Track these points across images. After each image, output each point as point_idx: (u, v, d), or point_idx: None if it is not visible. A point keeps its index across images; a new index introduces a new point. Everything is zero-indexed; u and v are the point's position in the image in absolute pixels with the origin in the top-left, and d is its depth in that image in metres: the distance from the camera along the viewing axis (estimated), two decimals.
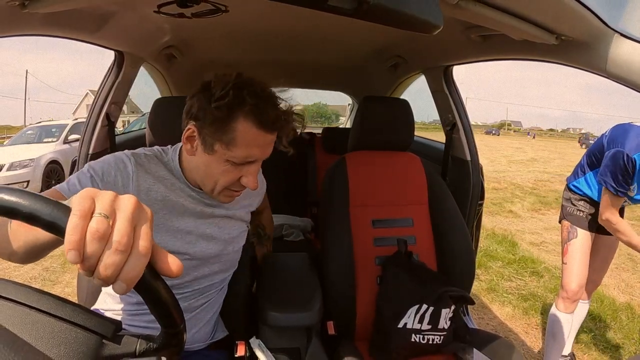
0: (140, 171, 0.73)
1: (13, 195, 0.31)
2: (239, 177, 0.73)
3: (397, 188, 1.23)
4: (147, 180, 0.74)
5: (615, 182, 1.31)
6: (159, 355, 0.42)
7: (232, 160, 0.70)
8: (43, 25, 0.83)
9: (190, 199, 0.79)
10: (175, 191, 0.77)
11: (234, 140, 0.68)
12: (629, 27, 0.73)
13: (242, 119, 0.67)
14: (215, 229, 0.82)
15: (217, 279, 0.87)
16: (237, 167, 0.72)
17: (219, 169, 0.71)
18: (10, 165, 5.45)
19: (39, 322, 0.38)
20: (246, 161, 0.71)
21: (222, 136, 0.68)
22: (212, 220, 0.82)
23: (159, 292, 0.40)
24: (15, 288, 0.39)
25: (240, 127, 0.67)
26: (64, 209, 0.30)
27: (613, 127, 1.40)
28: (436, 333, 1.00)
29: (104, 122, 1.25)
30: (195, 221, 0.79)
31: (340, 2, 0.47)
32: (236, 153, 0.69)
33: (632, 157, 1.26)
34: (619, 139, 1.32)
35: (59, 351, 0.37)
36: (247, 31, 1.35)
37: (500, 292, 2.54)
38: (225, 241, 0.84)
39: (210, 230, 0.81)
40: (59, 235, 0.30)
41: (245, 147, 0.69)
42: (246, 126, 0.67)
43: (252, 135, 0.68)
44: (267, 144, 0.71)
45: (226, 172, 0.71)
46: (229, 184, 0.74)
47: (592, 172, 1.49)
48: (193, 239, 0.79)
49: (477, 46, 1.07)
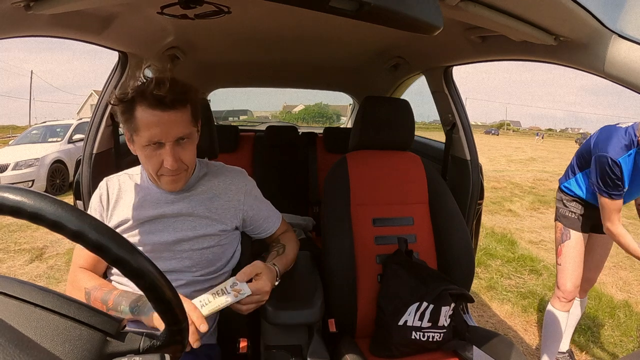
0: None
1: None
2: (161, 161, 0.80)
3: (398, 187, 1.24)
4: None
5: (606, 187, 1.31)
6: (162, 352, 0.43)
7: (144, 145, 0.78)
8: (48, 27, 0.84)
9: (152, 195, 0.88)
10: (140, 191, 0.89)
11: (137, 126, 0.77)
12: (627, 28, 0.74)
13: (137, 105, 0.76)
14: (170, 224, 0.87)
15: (186, 278, 0.87)
16: (155, 151, 0.79)
17: (143, 156, 0.81)
18: (15, 165, 5.49)
19: (44, 319, 0.38)
20: (154, 142, 0.78)
21: (131, 125, 0.78)
22: (169, 215, 0.87)
23: (163, 290, 0.41)
24: (20, 286, 0.40)
25: (137, 112, 0.77)
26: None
27: (600, 129, 1.39)
28: (436, 330, 1.02)
29: (108, 122, 1.26)
30: (154, 211, 0.87)
31: (342, 3, 0.48)
32: (143, 136, 0.77)
33: (617, 160, 1.26)
34: (602, 143, 1.32)
35: (64, 348, 0.37)
36: (250, 32, 1.37)
37: (499, 290, 2.55)
38: (179, 237, 0.86)
39: (165, 225, 0.87)
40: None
41: (146, 129, 0.76)
42: (141, 110, 0.76)
43: (148, 116, 0.76)
44: (168, 122, 0.77)
45: (148, 157, 0.80)
46: (157, 169, 0.81)
47: (581, 173, 1.49)
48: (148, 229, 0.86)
49: (477, 47, 1.08)
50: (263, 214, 0.98)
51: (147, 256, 0.42)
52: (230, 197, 0.93)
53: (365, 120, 1.24)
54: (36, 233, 3.66)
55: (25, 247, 3.36)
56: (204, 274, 0.89)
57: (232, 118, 4.69)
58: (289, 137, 2.15)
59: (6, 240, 3.56)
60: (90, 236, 0.37)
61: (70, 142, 6.28)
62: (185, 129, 0.79)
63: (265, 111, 10.85)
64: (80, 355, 0.38)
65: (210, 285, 0.89)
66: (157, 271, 0.41)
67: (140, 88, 0.76)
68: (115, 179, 0.91)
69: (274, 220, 1.00)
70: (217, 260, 0.91)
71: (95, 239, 0.38)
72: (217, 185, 0.92)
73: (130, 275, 0.40)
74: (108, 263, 0.39)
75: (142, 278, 0.40)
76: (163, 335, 0.45)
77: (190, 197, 0.89)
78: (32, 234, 3.66)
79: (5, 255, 3.19)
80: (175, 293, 0.43)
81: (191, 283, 0.87)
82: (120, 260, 0.39)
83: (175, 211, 0.87)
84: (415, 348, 1.02)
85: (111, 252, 0.38)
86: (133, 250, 0.40)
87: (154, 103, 0.75)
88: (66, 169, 6.03)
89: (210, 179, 0.93)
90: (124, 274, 0.40)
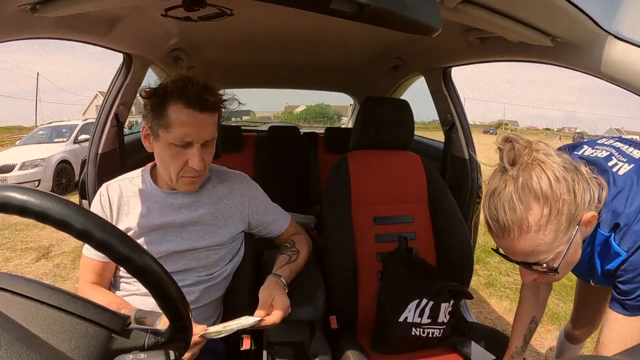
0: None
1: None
2: (185, 161, 0.80)
3: (398, 186, 1.25)
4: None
5: None
6: (166, 349, 0.43)
7: (174, 143, 0.78)
8: (54, 29, 0.86)
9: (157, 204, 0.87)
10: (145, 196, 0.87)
11: (169, 122, 0.77)
12: (622, 29, 0.75)
13: (172, 103, 0.77)
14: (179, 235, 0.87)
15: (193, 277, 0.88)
16: (181, 150, 0.79)
17: (166, 154, 0.80)
18: (22, 165, 5.55)
19: (50, 317, 0.39)
20: (185, 142, 0.78)
21: (161, 121, 0.77)
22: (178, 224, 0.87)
23: (167, 287, 0.42)
24: (27, 284, 0.40)
25: (171, 110, 0.77)
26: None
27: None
28: (436, 327, 1.03)
29: (113, 122, 1.28)
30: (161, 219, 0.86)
31: (343, 5, 0.48)
32: (174, 134, 0.77)
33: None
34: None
35: (70, 345, 0.38)
36: (252, 34, 1.38)
37: (498, 286, 2.56)
38: (187, 247, 0.87)
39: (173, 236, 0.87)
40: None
41: (180, 127, 0.77)
42: (175, 108, 0.76)
43: (184, 115, 0.76)
44: (201, 123, 0.78)
45: (173, 156, 0.79)
46: (179, 169, 0.81)
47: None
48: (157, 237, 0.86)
49: (475, 48, 1.10)
50: (269, 217, 0.99)
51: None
52: (235, 202, 0.93)
53: (366, 120, 1.25)
54: (42, 232, 3.69)
55: (32, 245, 3.39)
56: (208, 273, 0.90)
57: (234, 118, 4.70)
58: (290, 137, 2.17)
59: (13, 239, 3.60)
60: (95, 235, 0.38)
61: (76, 143, 6.32)
62: (213, 132, 0.81)
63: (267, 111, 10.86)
64: (86, 351, 0.38)
65: (213, 283, 0.90)
66: (161, 269, 0.42)
67: (179, 86, 0.76)
68: (116, 184, 0.89)
69: (281, 222, 1.01)
70: (222, 260, 0.93)
71: (100, 237, 0.38)
72: (221, 191, 0.93)
73: (135, 273, 0.41)
74: (113, 261, 0.40)
75: (147, 275, 0.41)
76: (167, 332, 0.45)
77: (197, 203, 0.89)
78: (38, 233, 3.69)
79: (12, 254, 3.22)
80: (179, 290, 0.44)
81: (196, 283, 0.88)
82: (125, 258, 0.40)
83: (182, 220, 0.87)
84: (415, 344, 1.04)
85: (116, 250, 0.39)
86: (137, 248, 0.41)
87: (193, 103, 0.76)
88: (72, 168, 6.08)
89: (215, 184, 0.93)
90: (128, 272, 0.41)
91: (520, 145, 0.60)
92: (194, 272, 0.88)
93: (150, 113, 0.78)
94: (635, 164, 0.63)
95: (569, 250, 0.60)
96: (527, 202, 0.58)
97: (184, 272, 0.87)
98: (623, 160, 0.65)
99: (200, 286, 0.88)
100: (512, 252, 0.63)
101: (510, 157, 0.60)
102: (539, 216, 0.58)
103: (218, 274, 0.92)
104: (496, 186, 0.61)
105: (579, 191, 0.59)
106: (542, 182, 0.57)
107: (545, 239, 0.59)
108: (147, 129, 0.81)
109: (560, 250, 0.61)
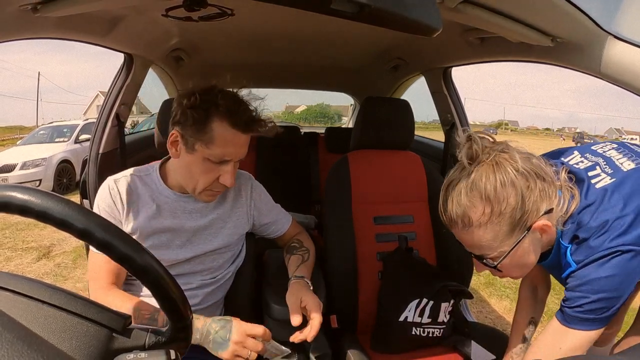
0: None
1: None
2: (217, 177, 0.79)
3: (398, 186, 1.25)
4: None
5: None
6: (167, 348, 0.43)
7: (210, 159, 0.77)
8: (55, 29, 0.86)
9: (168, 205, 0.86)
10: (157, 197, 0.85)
11: (212, 139, 0.75)
12: (622, 30, 0.75)
13: (217, 119, 0.75)
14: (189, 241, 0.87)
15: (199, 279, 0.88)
16: (215, 167, 0.78)
17: (198, 168, 0.78)
18: (23, 164, 5.58)
19: (51, 316, 0.38)
20: (223, 160, 0.77)
21: (202, 136, 0.75)
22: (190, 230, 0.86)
23: (168, 287, 0.42)
24: (28, 283, 0.40)
25: (216, 127, 0.75)
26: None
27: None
28: (436, 326, 1.03)
29: (114, 122, 1.29)
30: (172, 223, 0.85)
31: (343, 5, 0.49)
32: (214, 151, 0.76)
33: None
34: None
35: (71, 344, 0.38)
36: (252, 34, 1.39)
37: (498, 286, 2.57)
38: (197, 253, 0.87)
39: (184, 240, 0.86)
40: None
41: (222, 146, 0.76)
42: (222, 126, 0.75)
43: (229, 134, 0.76)
44: (242, 144, 0.79)
45: (205, 171, 0.78)
46: (209, 184, 0.80)
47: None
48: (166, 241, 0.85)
49: (475, 48, 1.10)
50: (272, 217, 0.99)
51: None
52: (242, 203, 0.94)
53: (366, 120, 1.25)
54: (43, 232, 3.70)
55: (33, 245, 3.40)
56: (212, 276, 0.90)
57: None
58: (291, 137, 2.17)
59: (14, 238, 3.61)
60: (96, 234, 0.38)
61: (77, 142, 6.35)
62: (246, 151, 0.82)
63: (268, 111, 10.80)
64: (87, 351, 0.38)
65: (216, 286, 0.90)
66: (162, 269, 0.42)
67: (229, 105, 0.75)
68: (124, 180, 0.84)
69: (283, 222, 1.01)
70: (226, 263, 0.93)
71: (101, 237, 0.38)
72: (228, 192, 0.92)
73: (136, 273, 0.41)
74: (114, 260, 0.40)
75: (148, 275, 0.41)
76: (168, 332, 0.45)
77: (207, 207, 0.88)
78: (39, 233, 3.70)
79: (13, 254, 3.23)
80: (180, 290, 0.44)
81: (200, 286, 0.88)
82: (126, 257, 0.40)
83: (193, 225, 0.86)
84: (415, 344, 1.04)
85: (117, 250, 0.39)
86: (139, 248, 0.41)
87: (239, 124, 0.75)
88: (73, 168, 6.10)
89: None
90: (129, 271, 0.41)
91: (478, 146, 0.62)
92: (199, 275, 0.88)
93: (192, 125, 0.75)
94: (617, 179, 0.62)
95: (514, 252, 0.63)
96: (473, 200, 0.61)
97: (189, 276, 0.87)
98: (607, 172, 0.64)
99: (204, 289, 0.89)
100: (461, 241, 0.69)
101: (469, 155, 0.63)
102: (480, 214, 0.61)
103: (221, 276, 0.92)
104: (453, 179, 0.65)
105: (531, 198, 0.60)
106: (489, 183, 0.60)
107: (486, 236, 0.62)
108: (178, 135, 0.78)
109: (503, 250, 0.63)
